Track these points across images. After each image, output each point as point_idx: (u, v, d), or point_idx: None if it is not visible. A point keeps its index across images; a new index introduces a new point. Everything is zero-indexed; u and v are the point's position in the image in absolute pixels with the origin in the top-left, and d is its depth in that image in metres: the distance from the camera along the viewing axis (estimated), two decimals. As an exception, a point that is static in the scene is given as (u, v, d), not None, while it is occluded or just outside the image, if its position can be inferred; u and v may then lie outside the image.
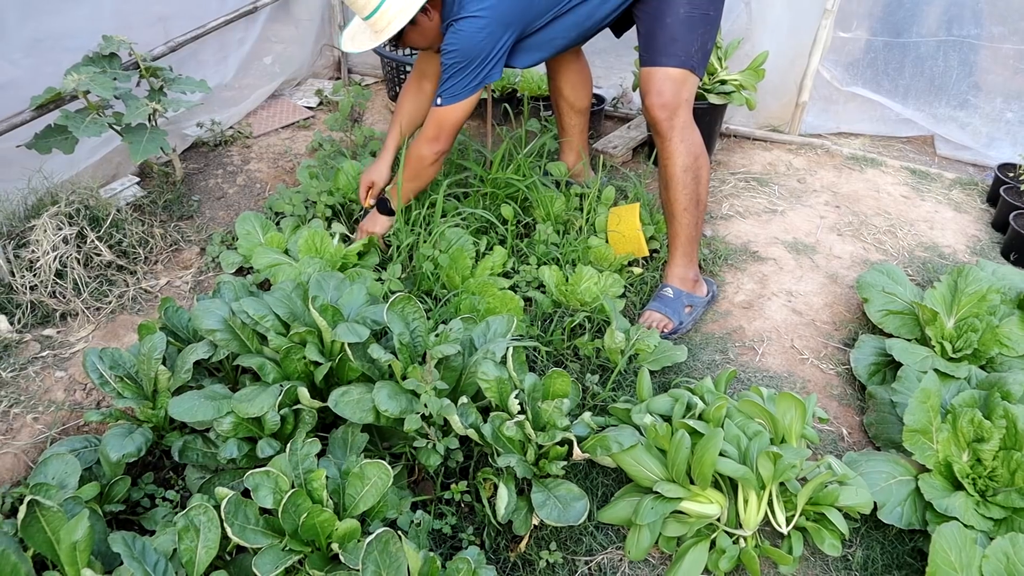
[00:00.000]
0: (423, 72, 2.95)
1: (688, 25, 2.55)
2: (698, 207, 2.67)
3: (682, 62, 2.56)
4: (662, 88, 2.57)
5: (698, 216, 2.68)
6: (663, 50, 2.57)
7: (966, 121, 3.88)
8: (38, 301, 2.56)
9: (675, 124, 2.58)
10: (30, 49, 2.86)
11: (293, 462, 1.76)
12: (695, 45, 2.57)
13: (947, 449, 2.06)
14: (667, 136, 2.59)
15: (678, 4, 2.54)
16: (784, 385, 2.52)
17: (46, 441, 2.18)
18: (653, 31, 2.60)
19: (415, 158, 2.69)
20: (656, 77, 2.58)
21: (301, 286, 2.21)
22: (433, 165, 2.71)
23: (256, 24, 3.88)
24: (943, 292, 2.61)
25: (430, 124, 2.63)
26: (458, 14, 2.46)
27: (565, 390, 2.04)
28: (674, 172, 2.62)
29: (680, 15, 2.54)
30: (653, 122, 2.61)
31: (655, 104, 2.58)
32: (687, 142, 2.60)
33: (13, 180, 2.76)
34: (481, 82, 2.54)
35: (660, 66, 2.58)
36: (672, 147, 2.60)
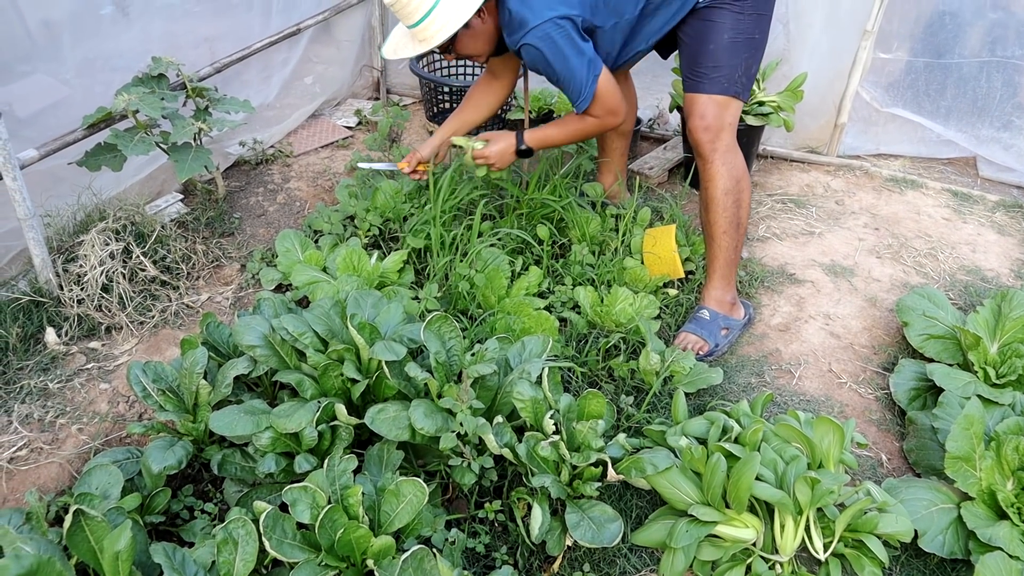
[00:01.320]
0: (493, 71, 2.97)
1: (732, 50, 2.56)
2: (738, 230, 2.66)
3: (725, 88, 2.57)
4: (705, 111, 2.58)
5: (738, 239, 2.68)
6: (706, 76, 2.58)
7: (1010, 143, 3.83)
8: (85, 314, 2.62)
9: (718, 147, 2.58)
10: (81, 69, 2.94)
11: (330, 478, 1.78)
12: (739, 70, 2.57)
13: (991, 477, 2.03)
14: (709, 159, 2.59)
15: (723, 29, 2.55)
16: (821, 409, 2.50)
17: (90, 452, 2.23)
18: (696, 56, 2.61)
19: (589, 125, 2.67)
20: (699, 101, 2.60)
21: (339, 304, 2.24)
22: (597, 132, 2.74)
23: (299, 45, 3.96)
24: (986, 316, 2.58)
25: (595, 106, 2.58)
26: (521, 31, 2.44)
27: (600, 411, 2.04)
28: (715, 195, 2.61)
29: (724, 40, 2.55)
30: (696, 144, 2.62)
31: (698, 127, 2.58)
32: (729, 165, 2.60)
33: (63, 196, 2.84)
34: (593, 58, 2.49)
35: (703, 92, 2.59)
36: (714, 170, 2.60)
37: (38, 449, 2.24)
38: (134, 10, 3.04)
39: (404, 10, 2.46)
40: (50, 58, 2.83)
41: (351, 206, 3.12)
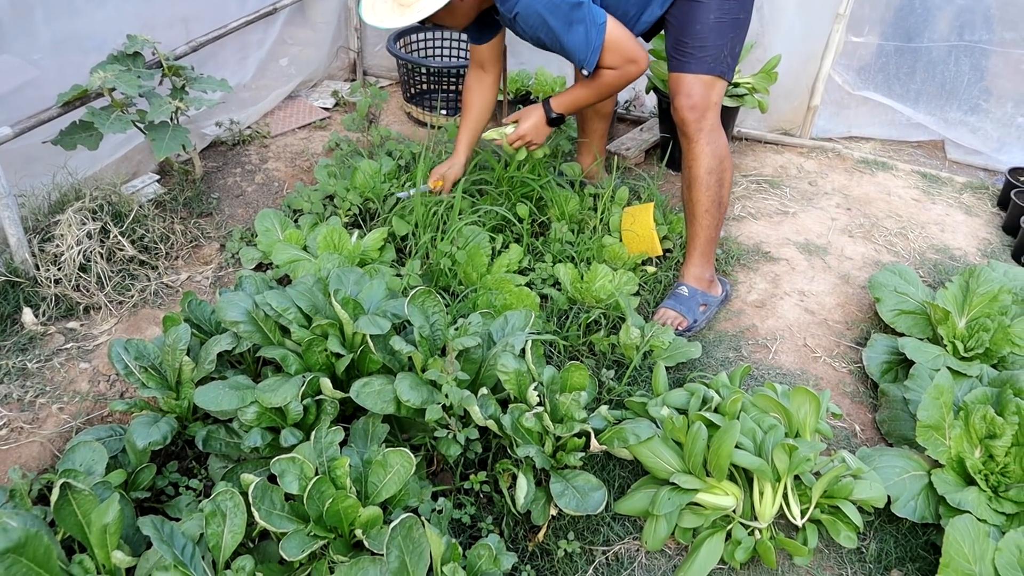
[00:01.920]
0: (480, 63, 2.96)
1: (718, 30, 2.56)
2: (719, 209, 2.69)
3: (711, 67, 2.58)
4: (691, 91, 2.59)
5: (719, 218, 2.71)
6: (693, 56, 2.59)
7: (977, 126, 3.91)
8: (62, 294, 2.60)
9: (703, 126, 2.60)
10: (52, 49, 2.90)
11: (317, 450, 1.80)
12: (725, 50, 2.59)
13: (960, 445, 2.09)
14: (694, 138, 2.62)
15: (708, 10, 2.55)
16: (797, 382, 2.55)
17: (71, 431, 2.22)
18: (682, 36, 2.62)
19: (606, 86, 2.64)
20: (686, 81, 2.61)
21: (322, 280, 2.25)
22: (625, 84, 2.67)
23: (274, 26, 3.93)
24: (955, 292, 2.64)
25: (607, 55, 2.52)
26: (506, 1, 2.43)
27: (583, 383, 2.07)
28: (698, 174, 2.64)
29: (710, 21, 2.56)
30: (681, 123, 2.63)
31: (684, 106, 2.60)
32: (713, 144, 2.62)
33: (38, 176, 2.80)
34: (590, 8, 2.45)
35: (689, 71, 2.60)
36: (698, 149, 2.62)
37: (18, 429, 2.22)
38: (108, -11, 3.01)
39: None
40: (19, 38, 2.78)
41: (330, 185, 3.12)
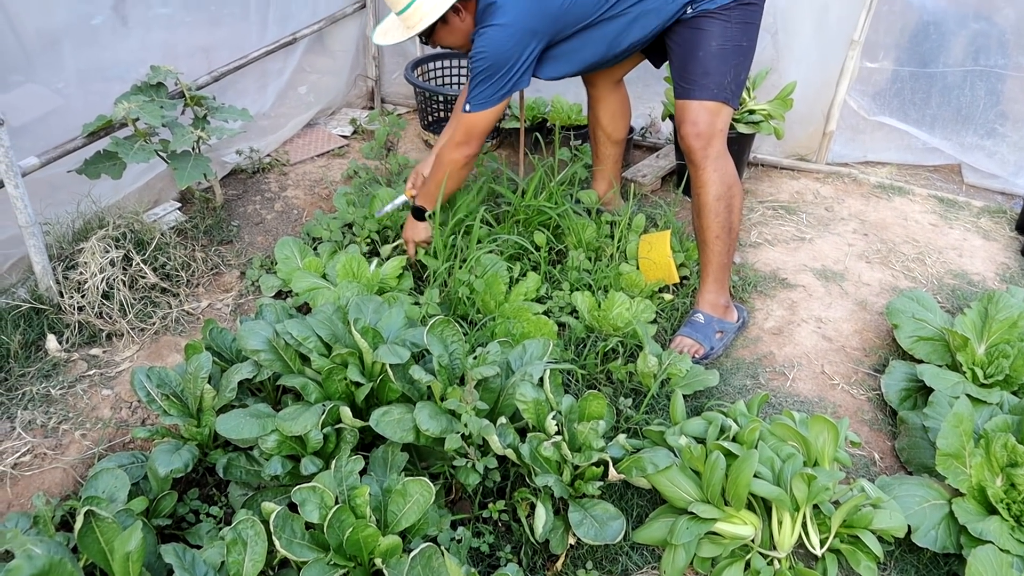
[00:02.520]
0: None
1: (720, 58, 2.60)
2: (730, 235, 2.71)
3: (715, 95, 2.61)
4: (696, 118, 2.62)
5: (730, 244, 2.72)
6: (696, 83, 2.62)
7: (993, 150, 3.91)
8: (85, 321, 2.64)
9: (709, 153, 2.63)
10: (77, 78, 2.96)
11: (338, 478, 1.81)
12: (728, 76, 2.62)
13: (980, 474, 2.08)
14: (701, 165, 2.64)
15: (710, 37, 2.59)
16: (815, 410, 2.54)
17: (93, 457, 2.25)
18: (686, 64, 2.65)
19: (447, 162, 2.79)
20: (691, 108, 2.63)
21: (341, 309, 2.27)
22: (464, 168, 2.81)
23: (294, 55, 3.99)
24: (973, 318, 2.63)
25: (459, 129, 2.72)
26: (487, 22, 2.54)
27: (600, 412, 2.08)
28: (707, 200, 2.66)
29: (712, 48, 2.59)
30: (688, 151, 2.66)
31: (690, 133, 2.63)
32: (720, 171, 2.64)
33: (62, 204, 2.85)
34: (509, 90, 2.62)
35: (694, 99, 2.63)
36: (706, 176, 2.64)
37: (42, 455, 2.25)
38: (132, 19, 3.07)
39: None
40: (45, 68, 2.84)
41: (349, 213, 3.15)
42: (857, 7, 3.61)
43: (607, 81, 3.16)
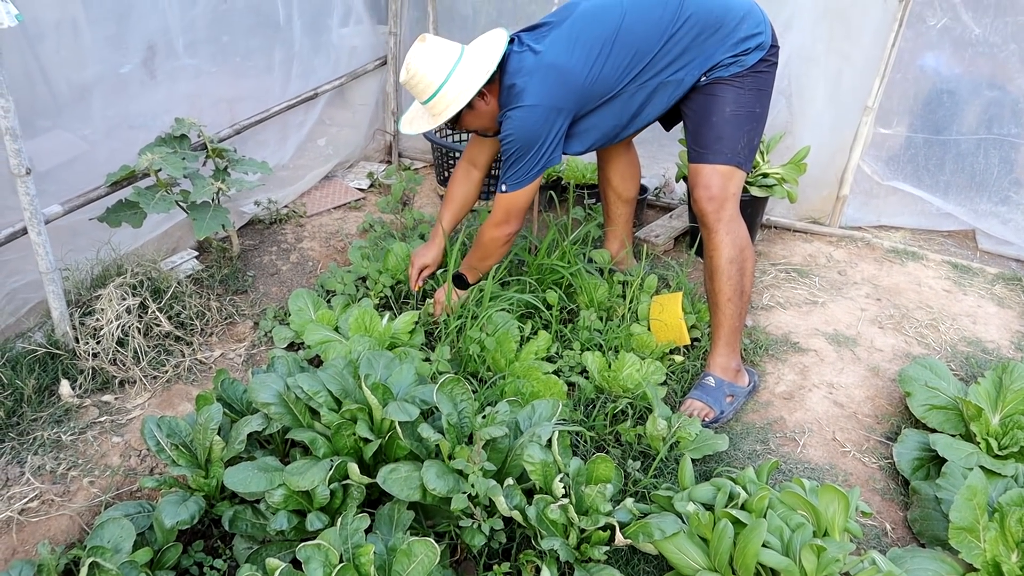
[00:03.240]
0: (472, 160, 3.08)
1: (734, 123, 2.64)
2: (742, 298, 2.72)
3: (728, 159, 2.65)
4: (710, 182, 2.66)
5: (742, 307, 2.73)
6: (710, 148, 2.66)
7: (1008, 217, 3.92)
8: (99, 368, 2.66)
9: (722, 217, 2.65)
10: (103, 126, 3.03)
11: (343, 536, 1.80)
12: (741, 142, 2.66)
13: (995, 548, 2.04)
14: (713, 228, 2.66)
15: (724, 103, 2.63)
16: (826, 477, 2.52)
17: (101, 505, 2.25)
18: (700, 129, 2.70)
19: (488, 240, 2.84)
20: (704, 172, 2.67)
21: (352, 364, 2.29)
22: (505, 245, 2.86)
23: (315, 108, 4.07)
24: (988, 388, 2.61)
25: (498, 209, 2.77)
26: (512, 104, 2.59)
27: (608, 475, 2.07)
28: (719, 264, 2.68)
29: (726, 114, 2.63)
30: (700, 214, 2.69)
31: (703, 197, 2.66)
32: (733, 235, 2.67)
33: (83, 250, 2.90)
34: (542, 167, 2.66)
35: (707, 163, 2.67)
36: (718, 239, 2.67)
37: (49, 501, 2.25)
38: (160, 72, 3.15)
39: (416, 88, 2.65)
40: (73, 116, 2.91)
41: (363, 267, 3.19)
42: (871, 74, 3.66)
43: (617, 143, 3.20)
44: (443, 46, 2.63)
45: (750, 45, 2.61)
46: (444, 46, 2.63)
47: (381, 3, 4.30)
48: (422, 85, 2.62)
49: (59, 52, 2.77)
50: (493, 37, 2.69)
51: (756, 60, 2.62)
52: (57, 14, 2.74)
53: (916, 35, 3.63)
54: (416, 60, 2.61)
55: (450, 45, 2.64)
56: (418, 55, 2.61)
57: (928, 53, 3.70)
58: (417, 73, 2.61)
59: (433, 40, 2.64)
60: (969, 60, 3.65)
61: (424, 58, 2.60)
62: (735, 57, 2.61)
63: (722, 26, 2.60)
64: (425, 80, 2.61)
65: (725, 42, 2.61)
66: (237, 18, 3.47)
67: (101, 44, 2.91)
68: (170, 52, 3.17)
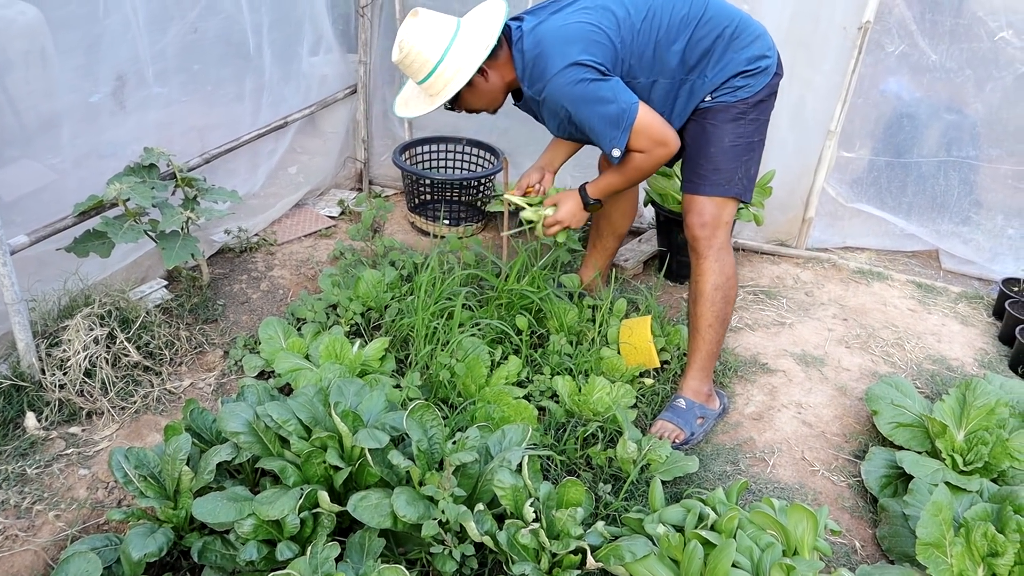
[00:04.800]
0: None
1: (733, 154, 2.62)
2: (722, 326, 2.73)
3: (725, 191, 2.64)
4: (703, 210, 2.65)
5: (721, 334, 2.75)
6: (706, 179, 2.64)
7: (969, 237, 4.00)
8: (66, 399, 2.63)
9: (713, 244, 2.65)
10: (72, 155, 3.01)
11: (313, 565, 1.79)
12: (739, 173, 2.64)
13: (961, 563, 2.07)
14: (703, 255, 2.66)
15: (723, 134, 2.60)
16: (795, 497, 2.54)
17: (67, 539, 2.21)
18: (697, 160, 2.67)
19: (639, 162, 2.58)
20: (698, 201, 2.66)
21: (323, 391, 2.28)
22: (656, 168, 2.66)
23: (286, 136, 4.08)
24: (952, 405, 2.66)
25: (639, 140, 2.50)
26: (546, 75, 2.44)
27: (579, 499, 2.08)
28: (704, 289, 2.68)
29: (725, 145, 2.61)
30: (692, 240, 2.68)
31: (695, 224, 2.66)
32: (721, 263, 2.67)
33: (49, 281, 2.87)
34: (629, 96, 2.46)
35: (702, 195, 2.65)
36: (707, 266, 2.66)
37: (13, 536, 2.22)
38: (130, 101, 3.14)
39: (411, 68, 2.53)
40: (41, 146, 2.89)
41: (334, 295, 3.19)
42: (833, 99, 3.73)
43: None
44: (438, 20, 2.50)
45: (761, 66, 2.57)
46: (439, 20, 2.50)
47: (351, 32, 4.33)
48: (417, 64, 2.50)
49: (28, 82, 2.76)
50: (491, 7, 2.56)
51: (763, 85, 2.58)
52: (26, 44, 2.74)
53: (876, 61, 3.71)
54: (409, 37, 2.48)
55: (445, 19, 2.52)
56: (411, 31, 2.48)
57: (890, 78, 3.79)
58: (411, 51, 2.48)
59: (426, 14, 2.51)
60: (927, 85, 3.75)
61: (418, 34, 2.47)
62: (746, 77, 2.56)
63: (739, 37, 2.55)
64: (420, 58, 2.48)
65: (740, 55, 2.55)
66: (207, 47, 3.47)
67: (70, 74, 2.90)
68: (140, 81, 3.17)
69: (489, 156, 4.31)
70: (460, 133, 4.38)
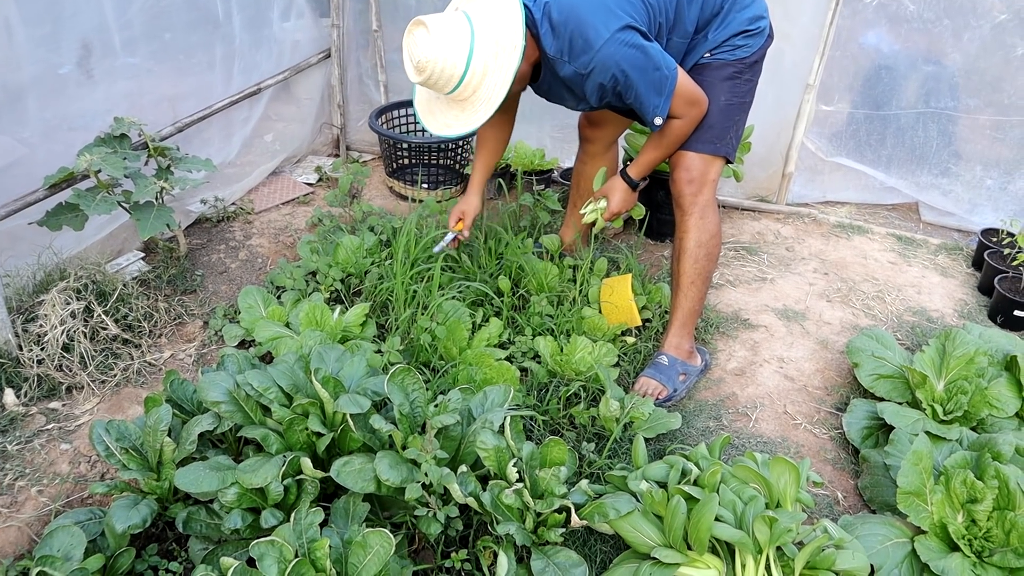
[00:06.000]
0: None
1: (726, 113, 2.63)
2: (705, 283, 2.74)
3: (715, 148, 2.64)
4: (691, 166, 2.64)
5: (703, 291, 2.76)
6: (698, 136, 2.63)
7: (948, 188, 4.00)
8: (45, 375, 2.61)
9: (698, 201, 2.66)
10: (41, 128, 2.96)
11: (297, 531, 1.79)
12: (730, 131, 2.65)
13: (942, 511, 2.10)
14: (688, 211, 2.67)
15: (720, 91, 2.60)
16: (778, 450, 2.56)
17: (50, 514, 2.21)
18: None
19: (676, 139, 2.60)
20: (687, 156, 2.65)
21: (303, 358, 2.27)
22: (692, 129, 2.62)
23: (259, 104, 4.02)
24: (932, 356, 2.68)
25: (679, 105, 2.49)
26: (586, 52, 2.36)
27: (562, 458, 2.08)
28: (687, 246, 2.69)
29: (721, 103, 2.61)
30: (678, 195, 2.69)
31: (683, 179, 2.66)
32: (706, 220, 2.68)
33: (23, 256, 2.83)
34: (663, 57, 2.41)
35: (692, 150, 2.65)
36: (691, 222, 2.67)
37: (-4, 513, 2.21)
38: (98, 71, 3.08)
39: (436, 84, 2.38)
40: (9, 119, 2.84)
41: (313, 262, 3.16)
42: (811, 52, 3.71)
43: (603, 140, 3.20)
44: (447, 25, 2.32)
45: (760, 26, 2.61)
46: (448, 25, 2.32)
47: (323, -5, 4.26)
48: (442, 80, 2.35)
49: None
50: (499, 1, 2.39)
51: (759, 46, 2.62)
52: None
53: (853, 13, 3.69)
54: (426, 53, 2.30)
55: (452, 20, 2.34)
56: (425, 47, 2.30)
57: (868, 30, 3.76)
58: (434, 70, 2.32)
59: (433, 22, 2.31)
60: (905, 36, 3.72)
61: (434, 49, 2.30)
62: (746, 37, 2.59)
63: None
64: (445, 74, 2.34)
65: (742, 14, 2.58)
66: (175, 14, 3.40)
67: (36, 44, 2.84)
68: (108, 50, 3.10)
69: (467, 118, 4.26)
70: (437, 96, 4.33)
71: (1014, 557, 1.96)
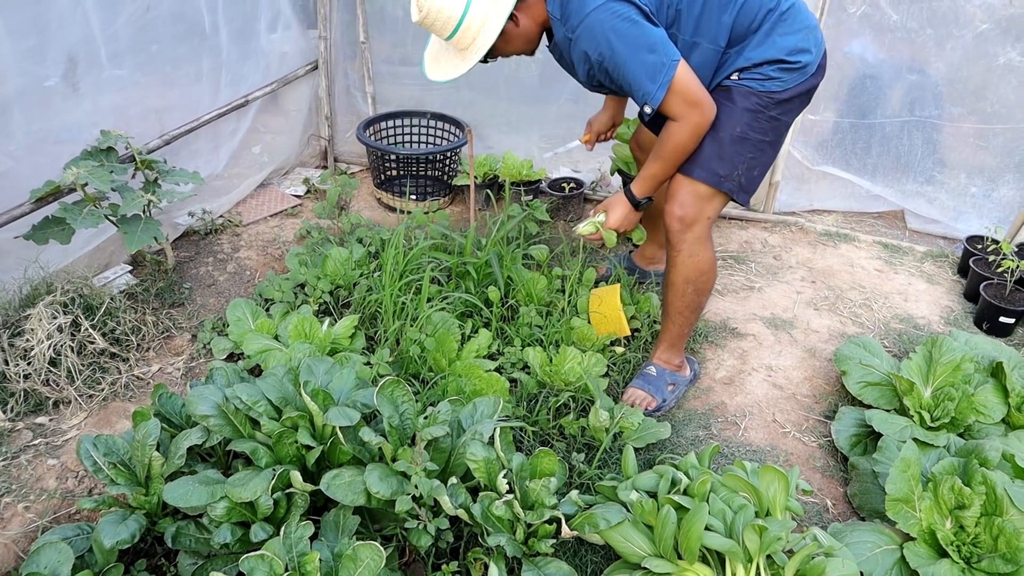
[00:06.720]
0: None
1: (739, 145, 2.40)
2: (694, 313, 2.70)
3: (717, 182, 2.43)
4: (684, 200, 2.47)
5: (692, 320, 2.72)
6: (702, 163, 2.43)
7: (933, 196, 4.03)
8: (31, 389, 2.59)
9: (687, 238, 2.51)
10: (27, 141, 2.95)
11: (287, 545, 1.78)
12: (739, 168, 2.43)
13: (930, 517, 2.11)
14: (676, 247, 2.54)
15: (736, 119, 2.38)
16: (767, 458, 2.57)
17: (37, 530, 2.19)
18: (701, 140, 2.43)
19: (678, 143, 2.38)
20: (683, 188, 2.47)
21: (292, 371, 2.26)
22: (697, 139, 2.39)
23: (247, 116, 4.01)
24: (919, 363, 2.69)
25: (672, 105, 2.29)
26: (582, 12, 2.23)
27: (552, 469, 2.08)
28: (675, 280, 2.61)
29: (733, 132, 2.38)
30: (667, 230, 2.55)
31: (673, 214, 2.49)
32: (696, 257, 2.55)
33: (9, 270, 2.82)
34: (663, 39, 2.24)
35: (691, 177, 2.45)
36: (679, 259, 2.56)
37: (-18, 530, 2.19)
38: (84, 83, 3.07)
39: (435, 26, 2.36)
40: (-5, 133, 2.84)
41: (301, 274, 3.16)
42: (796, 62, 3.73)
43: None
44: None
45: (801, 60, 2.34)
46: None
47: (310, 7, 4.26)
48: (440, 22, 2.33)
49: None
50: None
51: (796, 83, 2.36)
52: (-28, 28, 2.67)
53: (838, 23, 3.71)
54: None
55: None
56: None
57: (853, 40, 3.79)
58: (431, 9, 2.31)
59: None
60: (890, 45, 3.75)
61: None
62: (782, 69, 2.34)
63: (789, 20, 2.34)
64: (442, 15, 2.31)
65: (784, 40, 2.33)
66: (162, 27, 3.40)
67: (21, 56, 2.83)
68: (94, 63, 3.10)
69: (454, 129, 4.28)
70: (425, 107, 4.35)
71: (1002, 562, 1.97)
